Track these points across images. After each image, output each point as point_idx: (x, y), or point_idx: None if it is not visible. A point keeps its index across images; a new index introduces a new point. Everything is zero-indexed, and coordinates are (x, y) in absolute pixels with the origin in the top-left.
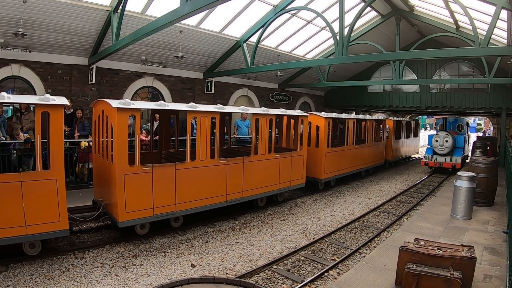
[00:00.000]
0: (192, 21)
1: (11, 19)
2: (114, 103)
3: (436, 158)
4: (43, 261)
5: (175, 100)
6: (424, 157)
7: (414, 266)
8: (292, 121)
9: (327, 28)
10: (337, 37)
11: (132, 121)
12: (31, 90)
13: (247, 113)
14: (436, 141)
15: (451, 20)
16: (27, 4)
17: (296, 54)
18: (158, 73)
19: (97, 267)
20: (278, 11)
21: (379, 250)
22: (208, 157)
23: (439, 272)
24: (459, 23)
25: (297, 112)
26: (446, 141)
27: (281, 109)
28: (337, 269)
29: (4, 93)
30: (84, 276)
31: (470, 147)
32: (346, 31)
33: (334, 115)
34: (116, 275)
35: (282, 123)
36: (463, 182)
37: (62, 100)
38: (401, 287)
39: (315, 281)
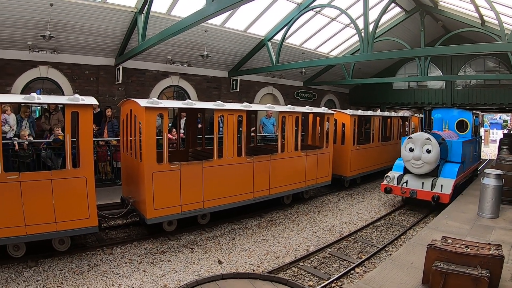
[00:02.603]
0: (217, 20)
1: (39, 22)
2: (142, 102)
3: (407, 182)
4: (72, 257)
5: (200, 99)
6: (386, 178)
7: (442, 264)
8: (318, 118)
9: (352, 25)
10: (362, 34)
11: (160, 120)
12: (58, 91)
13: (273, 111)
14: (410, 150)
15: (476, 15)
16: (54, 7)
17: (321, 51)
18: (184, 72)
19: (125, 262)
20: (302, 8)
21: (406, 248)
22: (235, 155)
23: (467, 270)
24: (484, 17)
25: (322, 109)
26: (428, 150)
27: (307, 107)
28: (363, 266)
29: (34, 94)
30: (112, 271)
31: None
32: (370, 27)
33: (359, 112)
34: (144, 271)
35: (308, 121)
36: (490, 180)
37: (91, 100)
38: (428, 285)
39: (341, 279)
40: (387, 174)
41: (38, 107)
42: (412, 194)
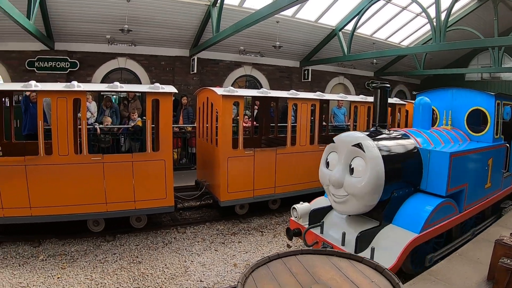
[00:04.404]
0: (288, 11)
1: (117, 17)
2: (219, 90)
3: (322, 225)
4: (147, 234)
5: (272, 88)
6: (293, 211)
7: (509, 261)
8: (389, 109)
9: (423, 14)
10: (434, 23)
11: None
12: (135, 81)
13: (345, 100)
14: (327, 165)
15: None
16: (131, 3)
17: (392, 41)
18: (256, 62)
19: (198, 241)
20: None
21: (473, 243)
22: (307, 143)
23: None
24: None
25: (394, 100)
26: (354, 170)
27: None
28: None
29: (117, 83)
30: (185, 249)
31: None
32: (442, 16)
33: None
34: (215, 250)
35: None
36: None
37: (171, 89)
38: (493, 281)
39: None
40: (294, 206)
41: (115, 96)
42: (324, 246)
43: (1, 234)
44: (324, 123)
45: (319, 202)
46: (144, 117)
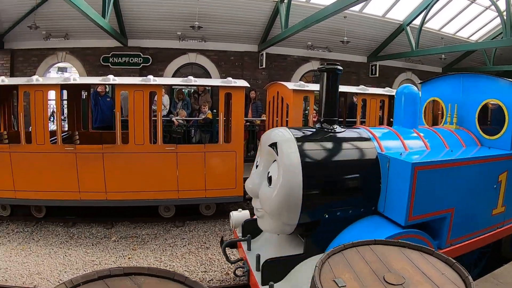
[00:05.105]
0: (355, 6)
1: (188, 14)
2: (290, 85)
3: (248, 240)
4: (215, 221)
5: (340, 83)
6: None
7: None
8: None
9: (492, 7)
10: (504, 16)
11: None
12: (205, 75)
13: None
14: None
15: None
16: (201, 1)
17: (460, 36)
18: (324, 57)
19: None
20: None
21: None
22: None
23: None
24: None
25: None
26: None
27: None
28: None
29: (191, 77)
30: None
31: None
32: None
33: None
34: None
35: None
36: None
37: (243, 83)
38: None
39: None
40: (230, 213)
41: (186, 89)
42: (244, 272)
43: (76, 215)
44: (391, 119)
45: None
46: (215, 110)
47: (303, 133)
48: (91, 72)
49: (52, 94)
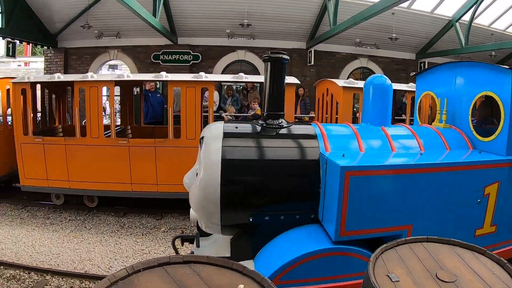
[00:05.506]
0: (404, 3)
1: (236, 12)
2: (340, 82)
3: (196, 238)
4: None
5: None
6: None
7: None
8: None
9: None
10: None
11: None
12: (254, 72)
13: None
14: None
15: None
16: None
17: (511, 32)
18: (372, 55)
19: None
20: None
21: None
22: None
23: None
24: None
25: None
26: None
27: None
28: None
29: (242, 74)
30: None
31: None
32: None
33: None
34: None
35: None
36: None
37: (293, 80)
38: None
39: None
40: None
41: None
42: None
43: (127, 206)
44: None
45: None
46: None
47: (237, 129)
48: (142, 69)
49: (105, 90)
